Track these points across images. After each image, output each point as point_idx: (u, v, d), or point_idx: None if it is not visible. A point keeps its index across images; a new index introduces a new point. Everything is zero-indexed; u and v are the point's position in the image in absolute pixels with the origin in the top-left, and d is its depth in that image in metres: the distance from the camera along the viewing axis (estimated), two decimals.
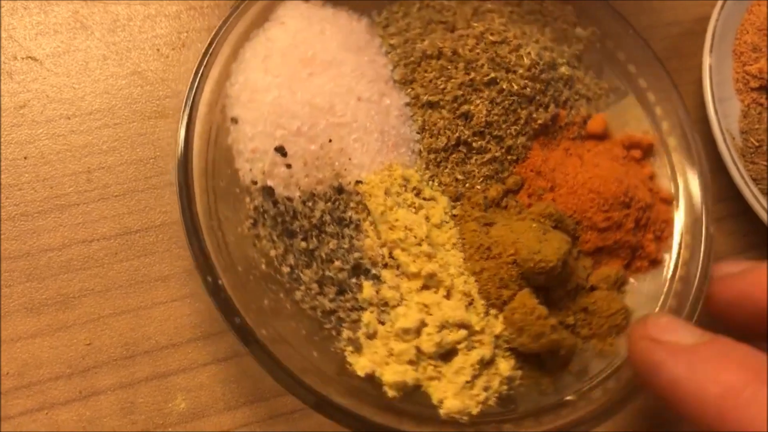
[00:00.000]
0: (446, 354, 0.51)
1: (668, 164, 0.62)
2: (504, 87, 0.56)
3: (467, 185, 0.57)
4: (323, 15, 0.57)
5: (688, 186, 0.60)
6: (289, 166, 0.52)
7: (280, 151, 0.52)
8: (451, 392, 0.50)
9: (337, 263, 0.52)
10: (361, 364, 0.50)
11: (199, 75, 0.51)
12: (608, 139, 0.62)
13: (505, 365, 0.52)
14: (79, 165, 0.56)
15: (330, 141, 0.53)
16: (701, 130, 0.62)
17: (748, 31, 0.69)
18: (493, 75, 0.56)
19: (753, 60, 0.68)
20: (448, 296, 0.52)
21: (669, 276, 0.57)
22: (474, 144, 0.57)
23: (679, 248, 0.58)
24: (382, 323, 0.51)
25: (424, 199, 0.56)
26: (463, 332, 0.51)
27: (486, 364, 0.51)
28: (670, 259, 0.58)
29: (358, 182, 0.54)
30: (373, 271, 0.52)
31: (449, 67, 0.57)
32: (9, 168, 0.55)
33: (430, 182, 0.57)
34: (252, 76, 0.53)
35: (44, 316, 0.52)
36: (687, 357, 0.39)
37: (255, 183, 0.52)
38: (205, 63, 0.51)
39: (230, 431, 0.52)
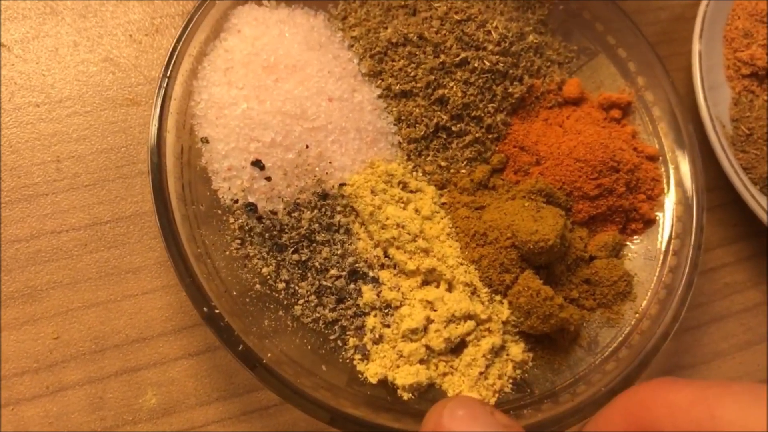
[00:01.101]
0: (456, 347, 0.50)
1: (648, 120, 0.61)
2: (476, 65, 0.55)
3: (452, 171, 0.56)
4: (279, 17, 0.55)
5: (672, 142, 0.59)
6: (268, 178, 0.50)
7: (257, 164, 0.50)
8: (467, 385, 0.49)
9: (333, 271, 0.50)
10: (371, 371, 0.48)
11: (161, 99, 0.49)
12: (585, 102, 0.61)
13: (516, 350, 0.51)
14: (48, 154, 0.54)
15: (307, 147, 0.51)
16: (690, 119, 0.60)
17: (740, 17, 0.67)
18: (463, 55, 0.54)
19: (744, 46, 0.66)
20: (449, 289, 0.51)
21: (665, 234, 0.57)
22: (453, 128, 0.55)
23: (673, 205, 0.58)
24: (387, 326, 0.50)
25: (411, 191, 0.54)
26: (470, 323, 0.50)
27: (497, 351, 0.51)
28: (664, 217, 0.58)
29: (341, 185, 0.52)
30: (371, 274, 0.51)
31: (417, 52, 0.55)
32: None
33: (414, 173, 0.55)
34: (216, 92, 0.51)
35: (10, 309, 0.51)
36: None
37: (236, 201, 0.50)
38: (166, 84, 0.49)
39: (202, 427, 0.51)
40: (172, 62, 0.50)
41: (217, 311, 0.45)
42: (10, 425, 0.48)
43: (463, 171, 0.56)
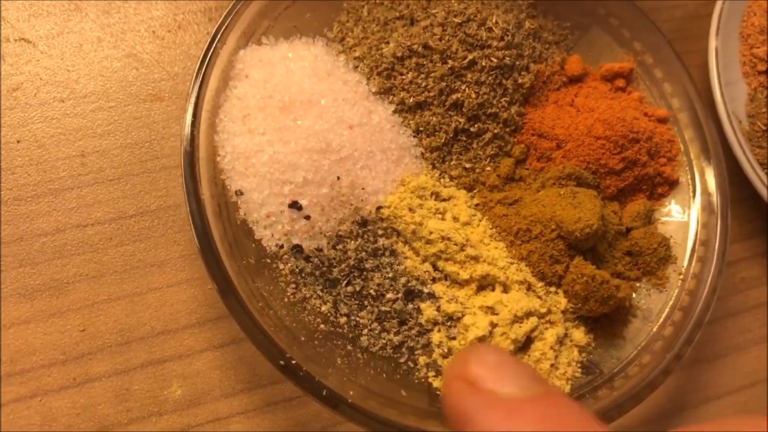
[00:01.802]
0: (523, 344, 0.51)
1: (652, 83, 0.62)
2: (484, 64, 0.55)
3: (477, 170, 0.56)
4: (281, 53, 0.54)
5: (679, 101, 0.60)
6: (307, 217, 0.51)
7: (295, 206, 0.50)
8: None
9: (389, 295, 0.51)
10: None
11: (190, 167, 0.48)
12: (588, 76, 0.62)
13: (578, 334, 0.52)
14: (73, 148, 0.55)
15: (338, 178, 0.51)
16: (691, 117, 0.60)
17: (756, 13, 0.67)
18: (470, 57, 0.55)
19: (760, 43, 0.66)
20: (505, 290, 0.52)
21: (693, 192, 0.58)
22: (471, 129, 0.56)
23: (694, 164, 0.59)
24: (453, 338, 0.51)
25: (444, 199, 0.55)
26: (533, 320, 0.51)
27: (561, 340, 0.52)
28: (687, 176, 0.59)
29: (378, 208, 0.52)
30: (426, 290, 0.51)
31: (424, 62, 0.55)
32: (2, 152, 0.54)
33: (441, 180, 0.56)
34: (239, 142, 0.50)
35: (38, 301, 0.52)
36: (503, 415, 0.30)
37: (281, 246, 0.50)
38: (190, 150, 0.48)
39: (227, 418, 0.52)
40: (191, 123, 0.49)
41: (293, 362, 0.45)
42: (38, 416, 0.49)
43: (488, 168, 0.57)
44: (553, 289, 0.52)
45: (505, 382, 0.32)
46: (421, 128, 0.55)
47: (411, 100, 0.55)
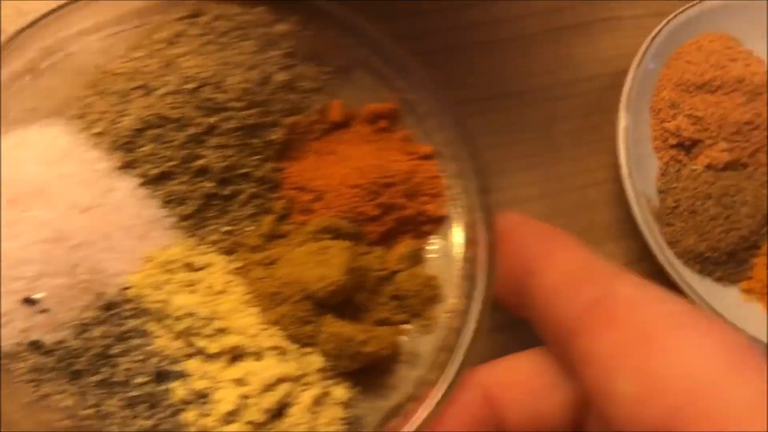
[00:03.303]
0: (282, 410, 0.51)
1: (417, 119, 0.62)
2: (224, 127, 0.54)
3: (237, 232, 0.56)
4: (11, 143, 0.53)
5: (444, 136, 0.60)
6: (45, 310, 0.49)
7: (29, 302, 0.49)
8: None
9: (139, 379, 0.50)
10: None
11: None
12: (355, 120, 0.62)
13: (339, 391, 0.52)
14: None
15: (76, 266, 0.50)
16: (615, 190, 0.61)
17: (666, 87, 0.68)
18: (208, 121, 0.54)
19: (671, 117, 0.66)
20: (259, 358, 0.51)
21: (457, 227, 0.58)
22: (224, 192, 0.55)
23: (460, 197, 0.59)
24: (208, 415, 0.50)
25: (199, 269, 0.54)
26: (284, 386, 0.50)
27: (320, 400, 0.51)
28: (454, 211, 0.59)
29: (124, 289, 0.51)
30: (178, 369, 0.51)
31: (162, 132, 0.54)
32: None
33: (199, 248, 0.55)
34: None
35: None
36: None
37: (20, 345, 0.49)
38: None
39: None
40: None
41: None
42: None
43: (250, 228, 0.56)
44: (309, 350, 0.52)
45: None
46: (169, 199, 0.54)
47: (154, 172, 0.54)
